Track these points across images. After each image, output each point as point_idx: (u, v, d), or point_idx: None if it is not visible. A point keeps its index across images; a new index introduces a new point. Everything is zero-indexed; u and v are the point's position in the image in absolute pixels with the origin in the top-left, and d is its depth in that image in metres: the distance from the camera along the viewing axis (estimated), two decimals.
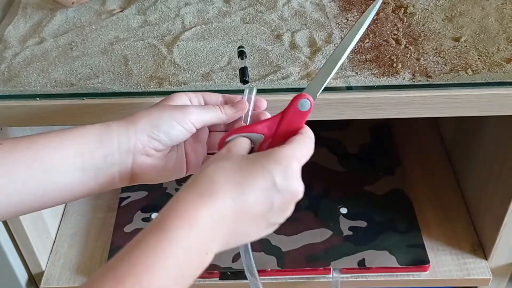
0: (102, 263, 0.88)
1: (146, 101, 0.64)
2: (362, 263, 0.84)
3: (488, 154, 0.85)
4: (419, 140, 1.06)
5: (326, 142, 1.03)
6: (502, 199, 0.79)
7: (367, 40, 0.71)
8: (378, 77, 0.66)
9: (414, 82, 0.65)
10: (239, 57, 0.62)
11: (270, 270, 0.85)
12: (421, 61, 0.67)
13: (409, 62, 0.67)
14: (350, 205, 0.93)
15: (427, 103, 0.64)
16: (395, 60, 0.67)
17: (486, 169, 0.86)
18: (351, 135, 1.05)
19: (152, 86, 0.65)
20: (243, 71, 0.59)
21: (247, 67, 0.60)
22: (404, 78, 0.65)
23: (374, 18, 0.60)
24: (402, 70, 0.66)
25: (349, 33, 0.53)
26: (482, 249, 0.88)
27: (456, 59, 0.67)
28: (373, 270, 0.84)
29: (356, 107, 0.65)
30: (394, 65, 0.67)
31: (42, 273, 0.87)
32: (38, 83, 0.66)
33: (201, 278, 0.85)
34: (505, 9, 0.74)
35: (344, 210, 0.92)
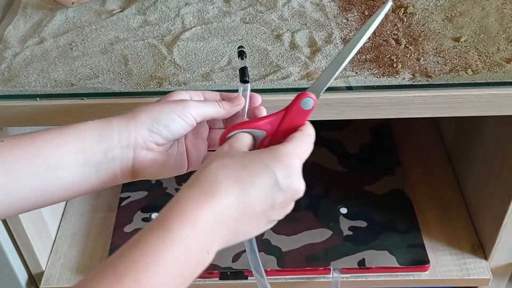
0: None
1: (146, 101, 0.64)
2: (362, 263, 0.84)
3: (488, 154, 0.85)
4: (419, 140, 1.06)
5: (326, 142, 1.03)
6: (502, 199, 0.79)
7: (367, 40, 0.70)
8: (378, 77, 0.65)
9: (414, 82, 0.65)
10: (239, 57, 0.62)
11: (270, 270, 0.85)
12: (421, 61, 0.67)
13: (409, 62, 0.67)
14: (350, 205, 0.93)
15: (427, 103, 0.64)
16: (395, 60, 0.67)
17: (486, 169, 0.86)
18: (351, 135, 1.05)
19: (152, 86, 0.65)
20: (243, 71, 0.59)
21: (247, 67, 0.60)
22: (404, 78, 0.65)
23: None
24: (402, 70, 0.66)
25: (356, 34, 0.53)
26: (482, 249, 0.88)
27: (456, 59, 0.67)
28: (373, 270, 0.84)
29: (356, 107, 0.65)
30: (394, 65, 0.67)
31: (42, 273, 0.87)
32: (38, 83, 0.66)
33: (201, 278, 0.85)
34: (505, 9, 0.74)
35: (344, 210, 0.92)
